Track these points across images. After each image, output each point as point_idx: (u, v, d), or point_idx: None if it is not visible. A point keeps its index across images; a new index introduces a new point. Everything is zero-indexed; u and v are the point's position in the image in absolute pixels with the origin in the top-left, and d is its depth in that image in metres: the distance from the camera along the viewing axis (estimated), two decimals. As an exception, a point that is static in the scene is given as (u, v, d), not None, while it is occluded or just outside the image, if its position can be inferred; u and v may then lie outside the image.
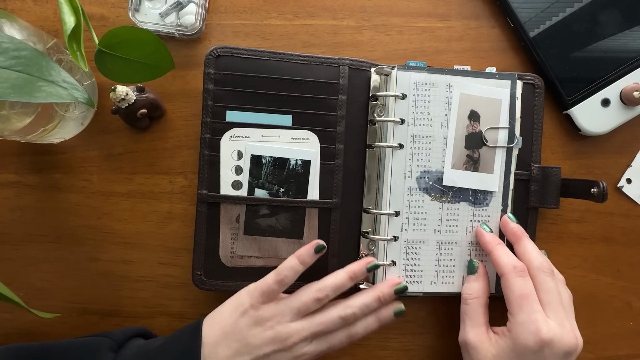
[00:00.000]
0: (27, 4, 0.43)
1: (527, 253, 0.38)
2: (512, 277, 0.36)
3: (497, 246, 0.39)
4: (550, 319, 0.35)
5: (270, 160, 0.40)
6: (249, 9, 0.44)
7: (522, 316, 0.35)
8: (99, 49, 0.35)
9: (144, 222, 0.43)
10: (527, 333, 0.34)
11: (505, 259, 0.37)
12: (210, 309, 0.43)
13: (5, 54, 0.29)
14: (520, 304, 0.35)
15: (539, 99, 0.42)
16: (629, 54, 0.43)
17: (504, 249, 0.39)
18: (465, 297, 0.39)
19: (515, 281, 0.36)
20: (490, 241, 0.40)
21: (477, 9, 0.45)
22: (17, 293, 0.34)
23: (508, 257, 0.38)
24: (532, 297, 0.35)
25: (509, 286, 0.36)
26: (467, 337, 0.37)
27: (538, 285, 0.36)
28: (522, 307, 0.35)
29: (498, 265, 0.38)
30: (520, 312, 0.35)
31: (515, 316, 0.35)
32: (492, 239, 0.40)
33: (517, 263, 0.37)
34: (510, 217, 0.41)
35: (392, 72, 0.41)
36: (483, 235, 0.40)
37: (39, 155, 0.43)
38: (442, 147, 0.41)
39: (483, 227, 0.41)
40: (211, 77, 0.40)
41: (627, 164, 0.45)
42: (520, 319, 0.35)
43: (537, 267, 0.37)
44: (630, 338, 0.45)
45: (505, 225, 0.41)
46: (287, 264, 0.38)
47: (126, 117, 0.41)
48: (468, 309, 0.38)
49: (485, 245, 0.40)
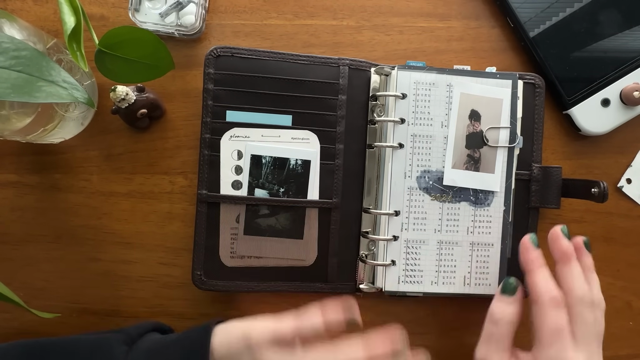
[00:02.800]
0: (27, 4, 0.43)
1: (572, 279, 0.35)
2: (547, 308, 0.34)
3: (539, 269, 0.35)
4: (580, 351, 0.33)
5: (270, 160, 0.40)
6: (249, 9, 0.44)
7: (551, 352, 0.33)
8: (99, 49, 0.35)
9: (144, 222, 0.43)
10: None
11: (544, 287, 0.34)
12: (210, 309, 0.43)
13: (5, 54, 0.29)
14: (551, 340, 0.33)
15: (540, 99, 0.42)
16: (629, 54, 0.43)
17: (544, 274, 0.35)
18: (497, 318, 0.35)
19: (549, 314, 0.34)
20: (534, 261, 0.36)
21: (477, 9, 0.45)
22: (17, 293, 0.34)
23: (547, 285, 0.35)
24: (564, 332, 0.33)
25: (542, 317, 0.34)
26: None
27: (574, 316, 0.34)
28: (552, 343, 0.33)
29: (534, 291, 0.35)
30: (549, 348, 0.33)
31: (544, 350, 0.33)
32: (537, 259, 0.36)
33: (554, 292, 0.34)
34: (564, 230, 0.37)
35: (392, 72, 0.41)
36: (529, 251, 0.36)
37: (39, 155, 0.43)
38: (442, 146, 0.41)
39: (532, 240, 0.37)
40: (211, 77, 0.40)
41: (627, 164, 0.45)
42: (549, 354, 0.33)
43: (577, 298, 0.34)
44: (630, 338, 0.45)
45: (555, 241, 0.36)
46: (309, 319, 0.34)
47: (126, 117, 0.41)
48: (496, 331, 0.35)
49: (527, 264, 0.36)
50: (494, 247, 0.42)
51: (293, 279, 0.41)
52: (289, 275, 0.41)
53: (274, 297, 0.43)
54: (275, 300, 0.43)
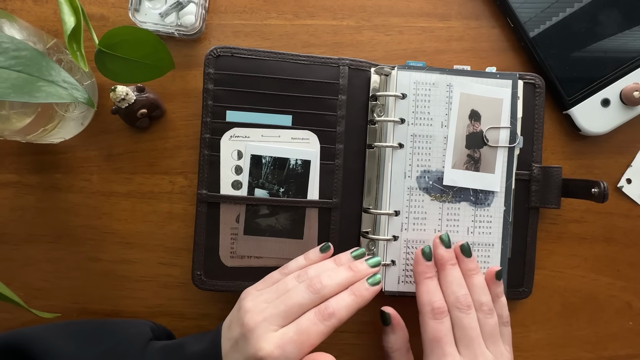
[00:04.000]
0: (27, 4, 0.43)
1: (445, 285, 0.37)
2: (427, 319, 0.36)
3: (425, 281, 0.37)
4: (463, 356, 0.35)
5: (270, 160, 0.40)
6: (249, 9, 0.44)
7: (432, 359, 0.35)
8: (99, 49, 0.35)
9: (144, 222, 0.43)
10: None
11: (426, 298, 0.36)
12: (210, 309, 0.43)
13: (5, 54, 0.29)
14: (432, 347, 0.35)
15: (540, 99, 0.42)
16: (629, 54, 0.43)
17: (429, 286, 0.37)
18: (387, 350, 0.39)
19: (429, 323, 0.36)
20: (420, 273, 0.38)
21: (477, 9, 0.45)
22: (17, 293, 0.34)
23: (429, 296, 0.36)
24: (444, 340, 0.35)
25: (423, 327, 0.36)
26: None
27: (453, 321, 0.36)
28: (433, 350, 0.35)
29: (419, 302, 0.37)
30: (430, 355, 0.35)
31: (426, 358, 0.36)
32: (424, 272, 0.38)
33: (436, 304, 0.36)
34: (443, 238, 0.38)
35: (392, 72, 0.41)
36: (418, 263, 0.38)
37: (39, 155, 0.43)
38: (442, 146, 0.41)
39: (425, 251, 0.38)
40: (211, 77, 0.40)
41: (627, 164, 0.45)
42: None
43: (450, 303, 0.36)
44: (630, 338, 0.45)
45: (434, 249, 0.38)
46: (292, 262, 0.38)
47: (126, 117, 0.41)
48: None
49: (415, 275, 0.38)
50: (494, 247, 0.42)
51: (293, 279, 0.41)
52: (289, 275, 0.41)
53: (274, 297, 0.43)
54: (275, 300, 0.43)
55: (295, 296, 0.33)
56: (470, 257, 0.38)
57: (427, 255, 0.38)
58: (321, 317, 0.32)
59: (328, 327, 0.32)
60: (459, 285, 0.37)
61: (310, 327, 0.32)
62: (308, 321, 0.32)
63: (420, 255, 0.38)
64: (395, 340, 0.39)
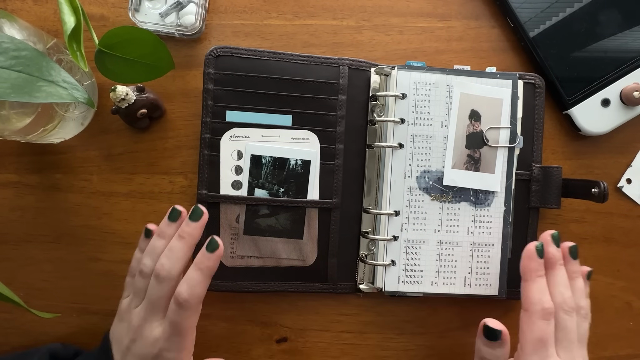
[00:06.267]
0: (27, 4, 0.43)
1: (554, 285, 0.36)
2: (535, 318, 0.35)
3: (536, 279, 0.36)
4: (561, 358, 0.35)
5: (270, 160, 0.40)
6: (249, 9, 0.44)
7: (534, 358, 0.34)
8: (99, 49, 0.35)
9: (144, 222, 0.43)
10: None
11: (537, 297, 0.35)
12: (209, 309, 0.43)
13: (5, 54, 0.29)
14: (536, 347, 0.34)
15: (540, 99, 0.42)
16: (629, 54, 0.42)
17: (540, 285, 0.36)
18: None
19: (537, 323, 0.35)
20: (533, 270, 0.36)
21: (477, 9, 0.45)
22: (17, 293, 0.34)
23: (540, 296, 0.35)
24: (549, 342, 0.34)
25: (530, 326, 0.35)
26: None
27: (556, 322, 0.35)
28: (537, 350, 0.34)
29: (527, 300, 0.36)
30: (533, 355, 0.34)
31: (527, 357, 0.35)
32: (536, 270, 0.36)
33: (546, 304, 0.35)
34: (554, 236, 0.37)
35: (392, 72, 0.41)
36: (531, 260, 0.37)
37: (39, 155, 0.43)
38: (442, 146, 0.41)
39: (537, 248, 0.37)
40: (211, 77, 0.40)
41: (627, 164, 0.45)
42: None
43: (557, 304, 0.35)
44: (630, 338, 0.45)
45: (546, 246, 0.37)
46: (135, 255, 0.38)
47: (126, 117, 0.41)
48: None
49: (526, 272, 0.37)
50: (494, 247, 0.42)
51: (293, 279, 0.41)
52: (288, 275, 0.41)
53: (274, 297, 0.43)
54: (275, 300, 0.43)
55: (153, 293, 0.34)
56: (577, 259, 0.38)
57: (540, 253, 0.37)
58: (180, 306, 0.33)
59: (191, 309, 0.34)
60: (566, 286, 0.36)
61: (176, 317, 0.33)
62: (173, 313, 0.34)
63: (534, 251, 0.37)
64: (503, 353, 0.36)
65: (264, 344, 0.43)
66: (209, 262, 0.34)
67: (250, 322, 0.43)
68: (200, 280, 0.34)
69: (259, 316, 0.43)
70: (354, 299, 0.44)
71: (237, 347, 0.43)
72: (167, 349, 0.34)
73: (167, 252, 0.35)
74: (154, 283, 0.34)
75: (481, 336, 0.36)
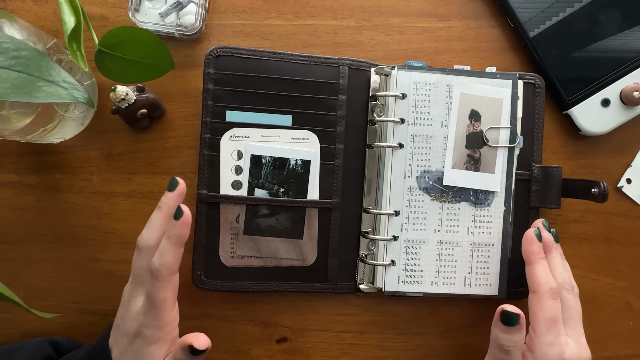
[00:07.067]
0: (27, 4, 0.43)
1: (554, 267, 0.38)
2: (545, 298, 0.36)
3: (540, 260, 0.38)
4: (569, 336, 0.36)
5: (270, 160, 0.40)
6: (249, 9, 0.44)
7: (548, 338, 0.35)
8: (99, 49, 0.35)
9: (144, 222, 0.43)
10: (552, 354, 0.35)
11: (544, 278, 0.37)
12: (209, 309, 0.43)
13: (5, 54, 0.29)
14: (549, 326, 0.35)
15: (540, 99, 0.42)
16: (629, 54, 0.43)
17: (544, 267, 0.38)
18: (509, 348, 0.35)
19: (547, 303, 0.36)
20: (535, 253, 0.38)
21: (477, 9, 0.45)
22: (17, 293, 0.34)
23: (546, 277, 0.37)
24: (560, 320, 0.36)
25: (540, 306, 0.36)
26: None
27: (561, 302, 0.37)
28: (550, 329, 0.35)
29: (534, 282, 0.37)
30: (547, 334, 0.35)
31: (542, 337, 0.35)
32: (539, 252, 0.38)
33: (552, 284, 0.36)
34: (545, 224, 0.40)
35: (392, 72, 0.41)
36: (532, 244, 0.38)
37: (39, 155, 0.43)
38: (442, 146, 0.41)
39: (536, 233, 0.39)
40: (211, 77, 0.40)
41: (627, 164, 0.45)
42: (546, 340, 0.35)
43: (561, 284, 0.37)
44: (630, 338, 0.45)
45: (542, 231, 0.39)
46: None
47: (126, 117, 0.41)
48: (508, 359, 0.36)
49: (529, 256, 0.38)
50: (494, 247, 0.42)
51: (293, 279, 0.41)
52: (289, 275, 0.41)
53: (274, 297, 0.43)
54: (275, 300, 0.43)
55: (135, 265, 0.35)
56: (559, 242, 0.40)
57: (539, 237, 0.39)
58: (152, 275, 0.33)
59: (163, 279, 0.33)
60: (564, 267, 0.38)
61: (150, 289, 0.34)
62: (148, 284, 0.34)
63: (534, 235, 0.39)
64: (520, 339, 0.36)
65: (264, 344, 0.43)
66: (175, 230, 0.34)
67: (250, 322, 0.43)
68: (169, 249, 0.33)
69: (259, 316, 0.43)
70: (353, 299, 0.44)
71: (237, 347, 0.43)
72: (146, 324, 0.34)
73: (148, 223, 0.36)
74: (135, 255, 0.35)
75: (498, 324, 0.36)
